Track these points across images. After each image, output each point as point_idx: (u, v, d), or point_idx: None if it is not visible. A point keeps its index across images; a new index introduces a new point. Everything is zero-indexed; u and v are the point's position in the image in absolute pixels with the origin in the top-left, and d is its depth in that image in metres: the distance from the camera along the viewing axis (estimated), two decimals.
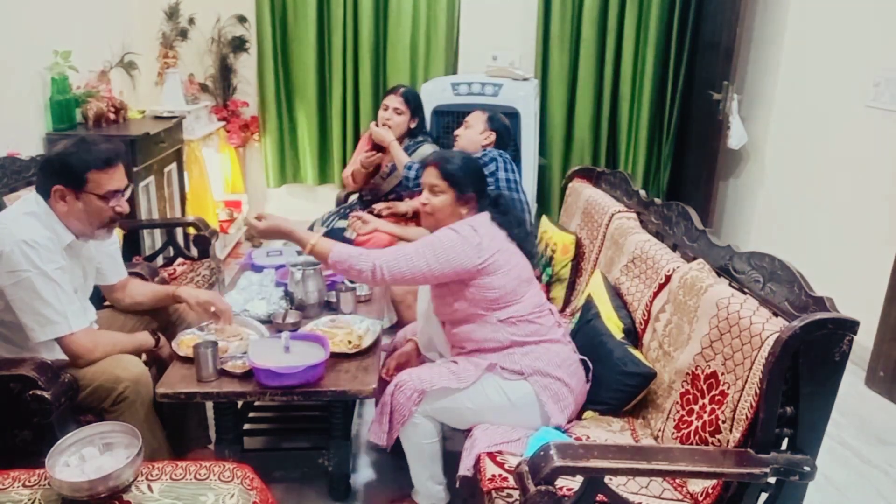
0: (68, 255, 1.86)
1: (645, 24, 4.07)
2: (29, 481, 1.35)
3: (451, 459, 1.92)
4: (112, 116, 3.23)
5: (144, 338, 1.98)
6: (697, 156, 4.05)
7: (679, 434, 1.70)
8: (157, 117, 3.52)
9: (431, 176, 1.96)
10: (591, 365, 1.99)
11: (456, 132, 2.97)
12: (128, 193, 1.90)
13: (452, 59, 4.28)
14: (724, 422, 1.55)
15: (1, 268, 1.71)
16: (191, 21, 4.08)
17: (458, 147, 2.89)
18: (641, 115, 4.21)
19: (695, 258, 1.96)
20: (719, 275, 1.83)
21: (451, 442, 2.29)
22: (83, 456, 1.38)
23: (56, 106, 2.99)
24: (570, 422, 1.92)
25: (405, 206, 3.15)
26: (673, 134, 4.24)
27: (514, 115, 3.65)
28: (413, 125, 3.18)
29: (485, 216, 1.96)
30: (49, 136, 2.96)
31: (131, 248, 2.99)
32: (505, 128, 2.99)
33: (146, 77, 4.02)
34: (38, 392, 1.65)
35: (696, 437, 1.62)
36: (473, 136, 2.91)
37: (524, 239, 2.00)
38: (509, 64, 4.12)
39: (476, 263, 1.84)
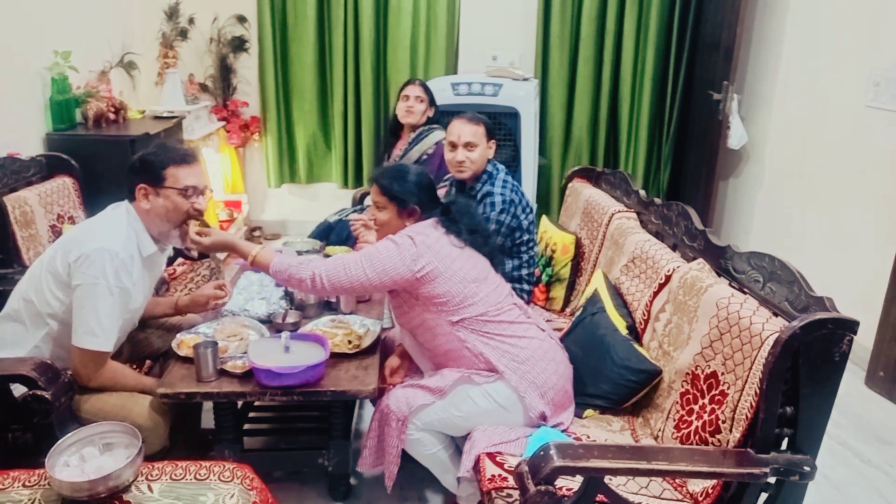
0: (144, 267, 1.91)
1: (645, 24, 4.07)
2: (29, 481, 1.35)
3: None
4: (112, 116, 3.23)
5: (149, 382, 1.97)
6: (697, 156, 4.06)
7: (679, 434, 1.70)
8: (157, 117, 3.52)
9: (373, 193, 2.00)
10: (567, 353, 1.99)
11: (459, 159, 2.44)
12: (207, 195, 1.95)
13: (453, 59, 4.28)
14: (724, 422, 1.55)
15: (80, 267, 1.76)
16: (191, 21, 4.08)
17: (471, 172, 2.47)
18: (641, 115, 4.21)
19: (695, 258, 1.96)
20: (719, 275, 1.83)
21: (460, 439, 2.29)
22: (83, 456, 1.38)
23: (56, 106, 2.99)
24: (563, 409, 1.90)
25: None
26: (673, 134, 4.24)
27: (514, 115, 3.66)
28: (430, 114, 3.28)
29: (428, 222, 1.95)
30: (49, 136, 2.96)
31: None
32: (491, 123, 2.70)
33: (146, 77, 4.02)
34: (39, 392, 1.64)
35: (696, 437, 1.62)
36: (483, 156, 2.48)
37: (481, 245, 1.98)
38: (509, 64, 4.12)
39: (413, 271, 1.83)
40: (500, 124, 3.68)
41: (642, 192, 2.50)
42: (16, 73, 2.81)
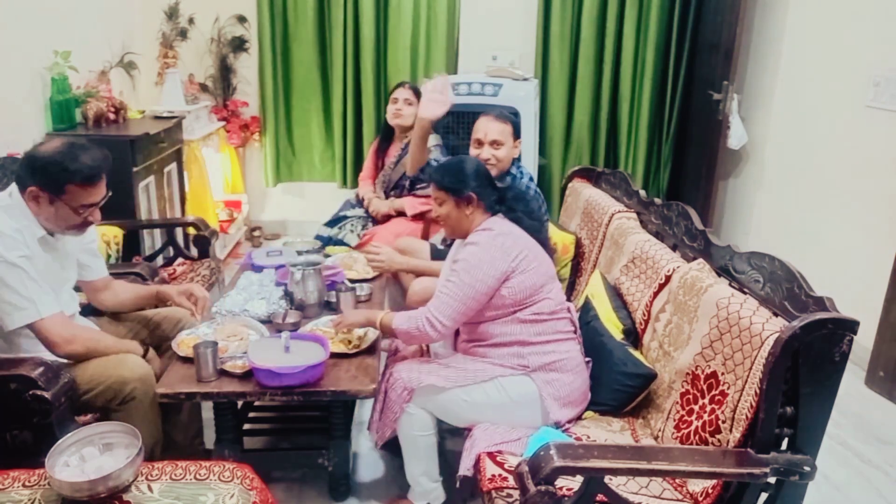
0: (43, 249, 1.85)
1: (645, 24, 4.07)
2: (29, 481, 1.35)
3: (451, 459, 1.92)
4: (112, 116, 3.23)
5: (132, 346, 1.96)
6: (697, 156, 4.05)
7: (679, 434, 1.70)
8: (157, 117, 3.51)
9: (432, 190, 2.03)
10: (590, 366, 2.00)
11: (485, 157, 2.37)
12: (102, 202, 1.87)
13: (453, 59, 4.28)
14: (724, 422, 1.55)
15: None
16: (191, 21, 4.08)
17: (497, 171, 2.41)
18: (641, 114, 4.21)
19: (695, 258, 1.96)
20: (719, 275, 1.83)
21: (452, 442, 2.30)
22: (83, 456, 1.38)
23: (56, 106, 2.99)
24: (569, 421, 1.92)
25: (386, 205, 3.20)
26: (673, 134, 4.24)
27: (514, 115, 3.65)
28: None
29: (498, 218, 1.99)
30: (49, 135, 2.96)
31: (131, 247, 2.99)
32: (517, 122, 2.73)
33: (146, 77, 4.02)
34: (38, 392, 1.64)
35: (696, 437, 1.62)
36: (509, 155, 2.45)
37: (538, 230, 2.03)
38: (509, 64, 4.12)
39: (509, 262, 1.86)
40: None
41: (642, 193, 2.50)
42: (16, 73, 2.80)
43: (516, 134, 2.45)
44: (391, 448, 2.18)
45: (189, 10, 4.06)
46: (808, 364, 1.36)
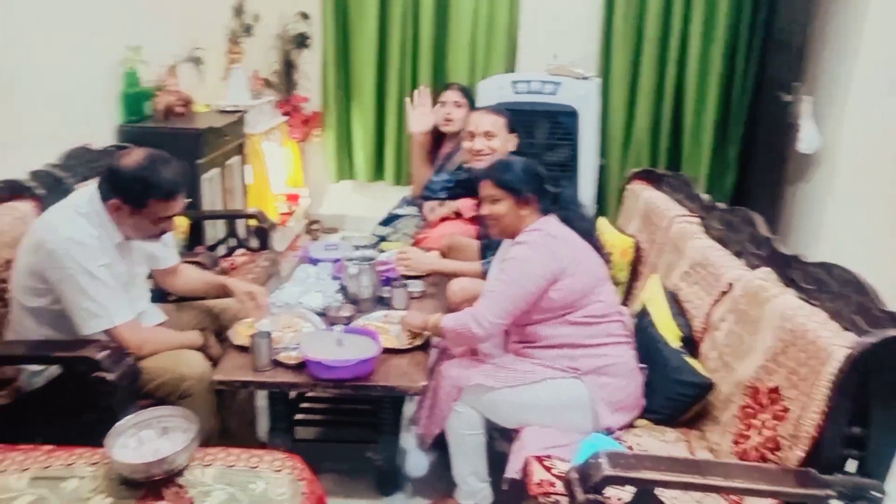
0: (120, 253, 1.93)
1: (712, 22, 3.94)
2: (92, 460, 1.41)
3: (500, 461, 1.91)
4: (180, 110, 3.33)
5: (194, 337, 2.04)
6: (765, 160, 3.91)
7: (737, 449, 1.64)
8: (222, 111, 3.61)
9: (487, 188, 1.98)
10: (647, 373, 1.95)
11: (477, 147, 2.48)
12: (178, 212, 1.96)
13: (512, 57, 4.25)
14: (785, 439, 1.49)
15: (49, 263, 1.78)
16: (256, 18, 4.17)
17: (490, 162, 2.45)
18: (706, 116, 4.08)
19: (759, 266, 1.89)
20: (785, 285, 1.75)
21: (501, 443, 2.28)
22: (141, 438, 1.43)
23: (127, 99, 3.10)
24: (621, 428, 1.88)
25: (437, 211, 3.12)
26: (739, 136, 4.09)
27: (572, 115, 3.61)
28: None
29: (551, 219, 1.95)
30: (121, 128, 3.07)
31: (194, 237, 3.08)
32: (512, 118, 2.65)
33: (213, 72, 4.12)
34: (102, 374, 1.71)
35: (756, 454, 1.57)
36: (503, 147, 2.51)
37: (591, 232, 2.00)
38: (570, 62, 4.05)
39: (559, 264, 1.84)
40: (559, 123, 3.63)
41: (705, 196, 2.42)
42: (91, 68, 2.92)
43: (511, 128, 2.47)
44: (441, 445, 2.18)
45: (255, 6, 4.16)
46: (879, 383, 1.30)
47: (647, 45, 4.04)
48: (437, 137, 3.26)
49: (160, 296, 2.28)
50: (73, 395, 1.77)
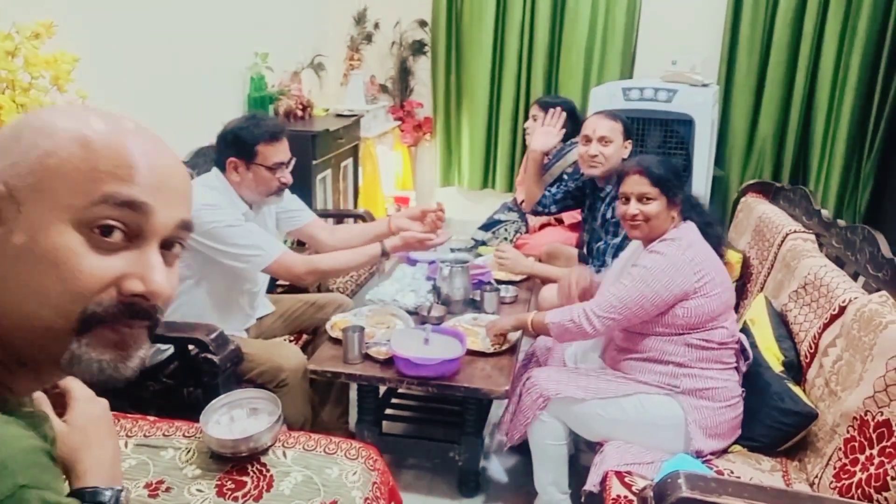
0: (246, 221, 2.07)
1: (852, 26, 3.64)
2: (188, 432, 1.52)
3: (583, 474, 1.87)
4: (299, 113, 3.53)
5: (374, 250, 2.13)
6: None
7: (839, 484, 1.51)
8: (339, 115, 3.78)
9: (639, 185, 1.83)
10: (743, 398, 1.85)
11: (592, 153, 2.37)
12: (291, 166, 2.08)
13: (629, 63, 4.15)
14: (893, 479, 1.35)
15: (195, 230, 1.92)
16: (376, 25, 4.34)
17: (603, 169, 2.40)
18: (839, 127, 3.77)
19: (878, 289, 1.73)
20: None
21: (586, 456, 2.23)
22: (232, 417, 1.53)
23: (252, 102, 3.33)
24: (714, 453, 1.79)
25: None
26: (877, 150, 3.75)
27: (688, 123, 3.46)
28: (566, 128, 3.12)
29: (690, 226, 1.84)
30: None
31: None
32: (629, 124, 2.54)
33: (333, 77, 4.34)
34: (209, 356, 1.84)
35: (859, 491, 1.44)
36: (618, 154, 2.39)
37: (719, 245, 1.89)
38: (690, 68, 3.89)
39: (693, 282, 1.73)
40: (673, 132, 3.49)
41: (825, 212, 2.25)
42: (222, 72, 3.17)
43: (627, 135, 2.38)
44: (524, 451, 2.17)
45: (375, 14, 4.33)
46: None
47: (776, 51, 3.82)
48: None
49: (269, 288, 2.42)
50: (184, 371, 1.92)
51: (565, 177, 2.96)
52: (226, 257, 1.97)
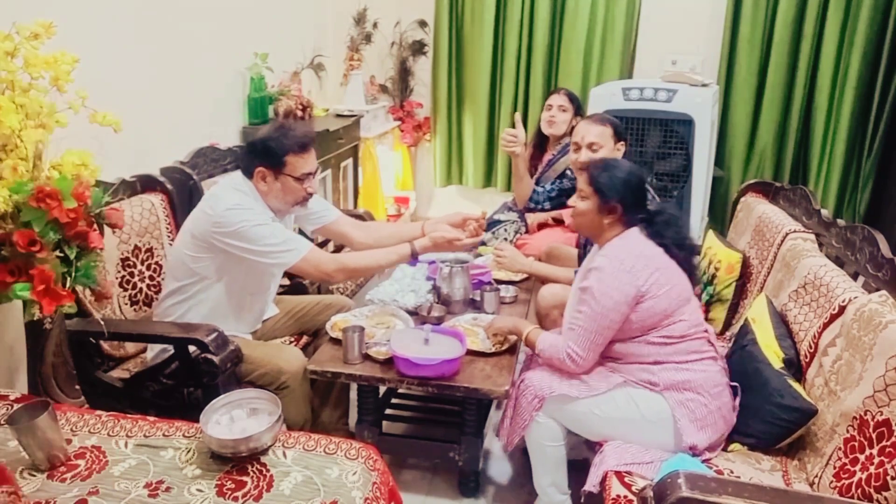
0: None
1: (852, 27, 3.64)
2: (188, 432, 1.52)
3: (583, 474, 1.87)
4: (299, 113, 3.52)
5: (403, 250, 2.14)
6: None
7: (839, 484, 1.52)
8: (339, 115, 3.78)
9: (580, 181, 1.94)
10: (738, 392, 1.85)
11: (583, 160, 2.32)
12: (318, 175, 2.09)
13: (628, 63, 4.15)
14: (893, 478, 1.35)
15: (223, 231, 1.94)
16: (375, 25, 4.34)
17: None
18: (839, 127, 3.77)
19: (878, 289, 1.73)
20: None
21: (589, 453, 2.23)
22: (232, 417, 1.53)
23: (252, 102, 3.32)
24: (712, 449, 1.79)
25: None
26: (877, 150, 3.75)
27: (688, 123, 3.46)
28: (575, 123, 3.13)
29: (633, 233, 1.87)
30: (245, 129, 3.30)
31: (302, 234, 3.24)
32: (620, 126, 2.53)
33: (333, 78, 4.33)
34: (209, 356, 1.84)
35: (859, 491, 1.44)
36: (610, 157, 2.33)
37: (686, 259, 1.89)
38: (690, 69, 3.90)
39: (638, 287, 1.76)
40: (673, 132, 3.49)
41: (825, 212, 2.25)
42: (222, 73, 3.16)
43: (618, 137, 2.36)
44: (524, 450, 2.17)
45: (374, 14, 4.32)
46: None
47: (776, 51, 3.82)
48: (541, 143, 3.26)
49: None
50: (184, 372, 1.92)
51: (569, 172, 2.97)
52: (255, 255, 1.97)
